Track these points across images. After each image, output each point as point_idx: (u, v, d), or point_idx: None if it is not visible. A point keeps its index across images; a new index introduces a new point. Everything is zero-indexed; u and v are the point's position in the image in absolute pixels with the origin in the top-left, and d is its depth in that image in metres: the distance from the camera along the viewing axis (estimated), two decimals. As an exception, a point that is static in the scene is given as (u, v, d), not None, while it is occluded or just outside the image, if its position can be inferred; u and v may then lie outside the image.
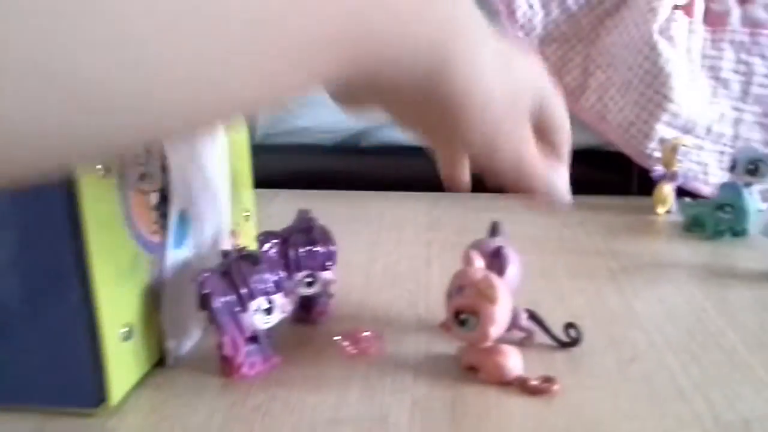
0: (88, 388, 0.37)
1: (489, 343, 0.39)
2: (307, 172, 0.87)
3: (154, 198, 0.40)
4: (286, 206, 0.49)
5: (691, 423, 0.36)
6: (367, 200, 0.79)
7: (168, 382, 0.41)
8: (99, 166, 0.35)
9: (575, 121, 0.80)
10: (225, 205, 0.49)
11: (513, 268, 0.44)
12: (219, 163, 0.48)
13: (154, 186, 0.40)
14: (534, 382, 0.39)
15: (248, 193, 0.56)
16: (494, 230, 0.46)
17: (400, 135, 0.86)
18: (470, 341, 0.40)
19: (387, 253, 0.62)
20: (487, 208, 0.75)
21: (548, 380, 0.39)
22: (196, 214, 0.44)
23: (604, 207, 0.75)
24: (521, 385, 0.39)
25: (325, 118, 0.85)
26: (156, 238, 0.41)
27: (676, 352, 0.44)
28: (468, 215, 0.72)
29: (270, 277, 0.39)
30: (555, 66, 0.78)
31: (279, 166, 0.87)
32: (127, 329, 0.38)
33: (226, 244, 0.50)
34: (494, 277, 0.39)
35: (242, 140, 0.55)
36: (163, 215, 0.41)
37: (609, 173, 0.80)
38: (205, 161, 0.45)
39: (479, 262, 0.40)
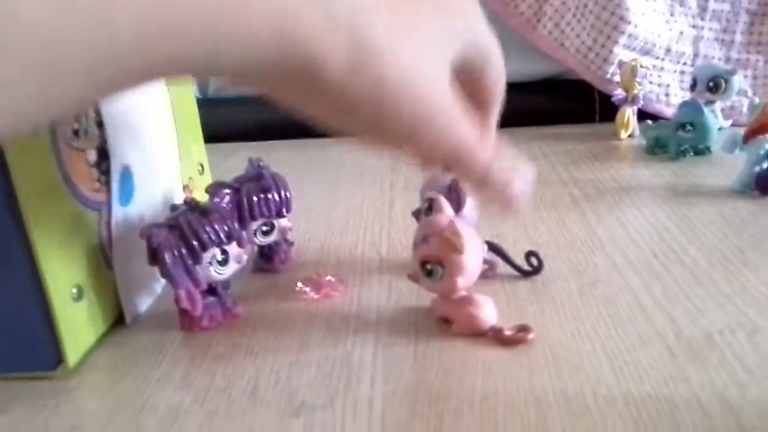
0: (44, 352, 0.36)
1: (459, 294, 0.38)
2: (264, 123, 0.84)
3: (92, 155, 0.39)
4: (246, 159, 0.48)
5: (653, 340, 0.36)
6: (328, 147, 0.77)
7: (128, 340, 0.41)
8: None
9: (534, 50, 0.79)
10: (173, 160, 0.48)
11: (470, 201, 0.43)
12: (161, 118, 0.46)
13: (92, 143, 0.38)
14: (508, 332, 0.37)
15: (200, 147, 0.55)
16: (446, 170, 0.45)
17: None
18: (439, 292, 0.38)
19: (349, 196, 0.61)
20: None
21: (523, 329, 0.37)
22: (141, 169, 0.43)
23: (568, 136, 0.74)
24: (495, 336, 0.37)
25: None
26: (99, 196, 0.39)
27: (638, 272, 0.44)
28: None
29: (221, 228, 0.38)
30: (510, -6, 0.76)
31: (236, 118, 0.85)
32: (76, 290, 0.37)
33: (179, 199, 0.49)
34: (461, 225, 0.37)
35: (187, 94, 0.53)
36: (105, 172, 0.40)
37: (571, 101, 0.79)
38: (145, 117, 0.44)
39: (449, 209, 0.38)
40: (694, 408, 0.31)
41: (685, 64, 0.78)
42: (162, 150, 0.46)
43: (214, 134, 0.79)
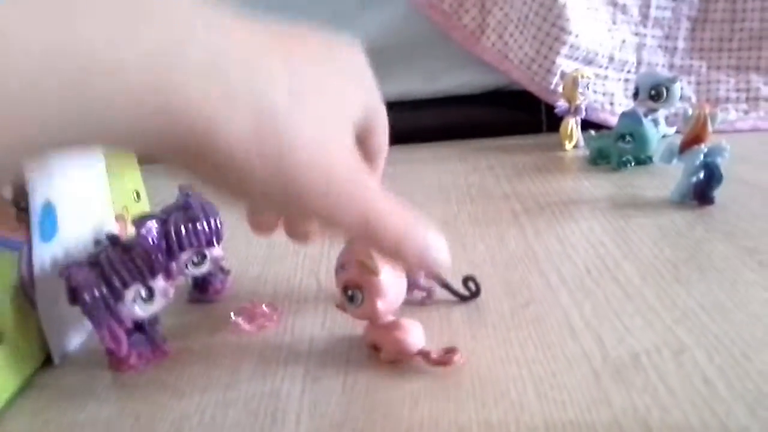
0: (-37, 401, 0.35)
1: (384, 318, 0.37)
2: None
3: (7, 193, 0.38)
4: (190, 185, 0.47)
5: (579, 362, 0.36)
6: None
7: (56, 381, 0.40)
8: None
9: (479, 62, 0.79)
10: (102, 190, 0.47)
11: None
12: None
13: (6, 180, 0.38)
14: (435, 356, 0.37)
15: (134, 173, 0.54)
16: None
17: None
18: (362, 317, 0.38)
19: (292, 218, 0.61)
20: (398, 160, 0.74)
21: (450, 351, 0.37)
22: (65, 203, 0.42)
23: (514, 147, 0.75)
24: (424, 359, 0.37)
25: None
26: (18, 236, 0.38)
27: (570, 290, 0.44)
28: (377, 170, 0.71)
29: (144, 263, 0.38)
30: (452, 7, 0.76)
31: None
32: (-5, 335, 0.36)
33: (112, 230, 0.48)
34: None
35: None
36: (24, 210, 0.39)
37: (518, 112, 0.80)
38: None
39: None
40: (614, 434, 0.31)
41: (629, 72, 0.79)
42: (89, 180, 0.45)
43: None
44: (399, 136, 0.88)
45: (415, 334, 0.38)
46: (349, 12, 0.80)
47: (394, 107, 0.91)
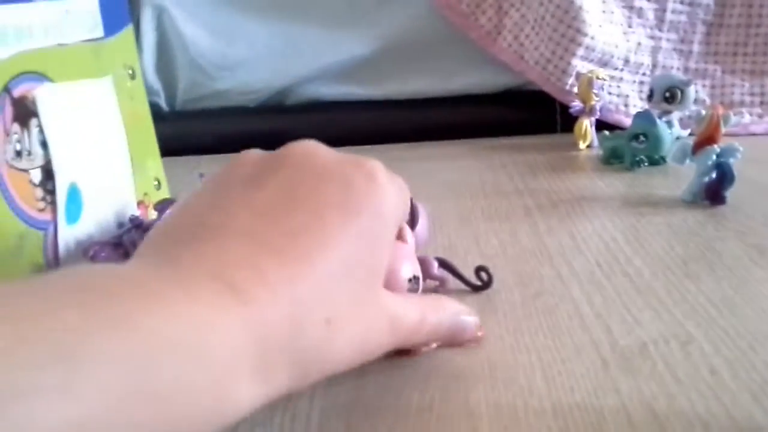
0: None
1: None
2: (232, 135, 0.85)
3: (36, 175, 0.39)
4: (210, 172, 0.48)
5: (588, 350, 0.37)
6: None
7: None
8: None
9: (495, 62, 0.80)
10: (126, 176, 0.48)
11: (423, 219, 0.44)
12: (112, 134, 0.46)
13: (35, 163, 0.39)
14: None
15: (156, 162, 0.55)
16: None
17: (323, 90, 0.85)
18: None
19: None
20: (412, 157, 0.75)
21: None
22: (89, 186, 0.43)
23: (528, 147, 0.75)
24: None
25: (244, 79, 0.84)
26: (45, 216, 0.40)
27: (581, 283, 0.45)
28: (391, 166, 0.72)
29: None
30: (469, 7, 0.77)
31: (204, 131, 0.86)
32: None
33: (134, 214, 0.49)
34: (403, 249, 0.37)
35: (141, 109, 0.53)
36: (51, 191, 0.40)
37: (533, 112, 0.80)
38: (93, 133, 0.44)
39: (408, 233, 0.39)
40: (620, 418, 0.32)
41: (644, 74, 0.79)
42: (113, 166, 0.47)
43: (180, 146, 0.80)
44: (414, 134, 0.90)
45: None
46: (367, 8, 0.81)
47: (410, 105, 0.93)
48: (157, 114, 0.54)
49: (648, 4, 0.78)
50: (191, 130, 0.85)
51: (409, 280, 0.37)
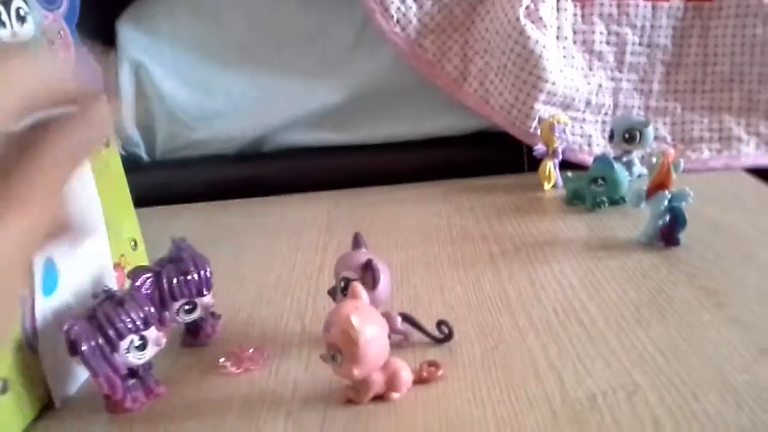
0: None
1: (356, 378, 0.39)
2: (212, 182, 0.87)
3: (13, 252, 0.41)
4: (192, 221, 0.50)
5: (540, 403, 0.39)
6: (270, 206, 0.80)
7: (56, 425, 0.43)
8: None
9: (462, 107, 0.82)
10: (102, 242, 0.50)
11: (384, 278, 0.46)
12: (86, 202, 0.48)
13: (12, 240, 0.41)
14: (424, 374, 0.42)
15: (131, 222, 0.57)
16: (357, 242, 0.48)
17: (298, 137, 0.88)
18: (341, 376, 0.40)
19: (282, 262, 0.64)
20: (384, 200, 0.77)
21: (432, 364, 0.43)
22: (64, 258, 0.45)
23: (496, 187, 0.78)
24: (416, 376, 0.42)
25: (221, 129, 0.86)
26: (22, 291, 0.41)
27: (538, 332, 0.47)
28: (365, 212, 0.74)
29: (137, 315, 0.41)
30: (435, 56, 0.80)
31: (184, 179, 0.88)
32: (1, 383, 0.39)
33: (111, 280, 0.51)
34: (367, 312, 0.39)
35: (115, 171, 0.55)
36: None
37: (501, 153, 0.83)
38: (67, 204, 0.46)
39: (363, 294, 0.41)
40: (567, 472, 0.34)
41: (605, 114, 0.82)
42: (87, 234, 0.49)
43: (161, 195, 0.82)
44: (387, 176, 0.92)
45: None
46: (338, 58, 0.84)
47: (382, 149, 0.95)
48: (137, 164, 0.56)
49: (608, 47, 0.81)
50: (171, 179, 0.87)
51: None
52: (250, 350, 0.48)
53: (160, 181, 0.86)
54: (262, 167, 0.88)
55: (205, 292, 0.47)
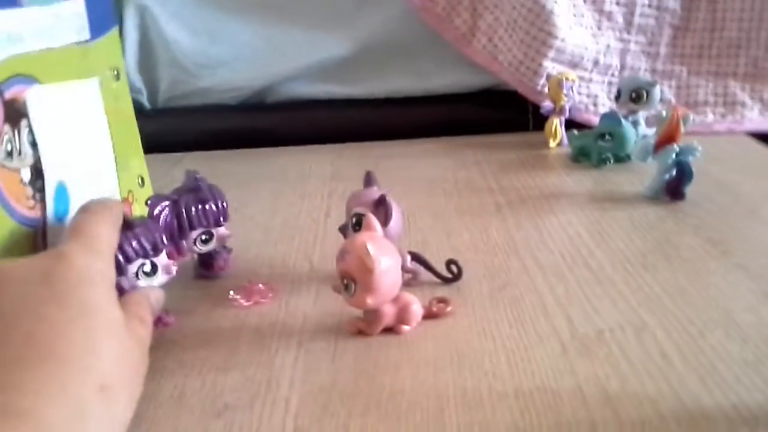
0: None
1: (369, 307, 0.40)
2: (214, 132, 0.87)
3: (26, 174, 0.41)
4: (193, 168, 0.50)
5: (549, 338, 0.40)
6: (273, 156, 0.80)
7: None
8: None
9: (469, 63, 0.82)
10: (110, 174, 0.50)
11: (396, 215, 0.46)
12: (97, 134, 0.48)
13: (25, 162, 0.41)
14: (434, 309, 0.43)
15: (139, 160, 0.57)
16: (368, 180, 0.48)
17: (303, 89, 0.87)
18: (354, 306, 0.40)
19: (288, 206, 0.64)
20: (389, 154, 0.77)
21: (442, 300, 0.44)
22: (76, 185, 0.45)
23: (501, 145, 0.78)
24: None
25: (225, 77, 0.85)
26: (35, 213, 0.41)
27: (545, 274, 0.47)
28: (369, 163, 0.74)
29: (147, 240, 0.41)
30: (444, 10, 0.79)
31: (186, 128, 0.87)
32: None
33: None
34: (383, 243, 0.39)
35: (126, 109, 0.55)
36: (40, 189, 0.42)
37: (506, 111, 0.83)
38: (79, 133, 0.46)
39: (377, 226, 0.41)
40: (576, 399, 0.34)
41: (612, 75, 0.82)
42: (98, 165, 0.49)
43: (162, 143, 0.82)
44: (391, 132, 0.92)
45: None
46: (346, 10, 0.83)
47: (387, 104, 0.95)
48: (139, 111, 0.56)
49: (617, 7, 0.81)
50: (173, 127, 0.86)
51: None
52: (260, 285, 0.48)
53: (162, 128, 0.85)
54: (266, 118, 0.87)
55: (222, 222, 0.47)
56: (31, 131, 0.41)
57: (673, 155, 0.57)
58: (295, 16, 0.84)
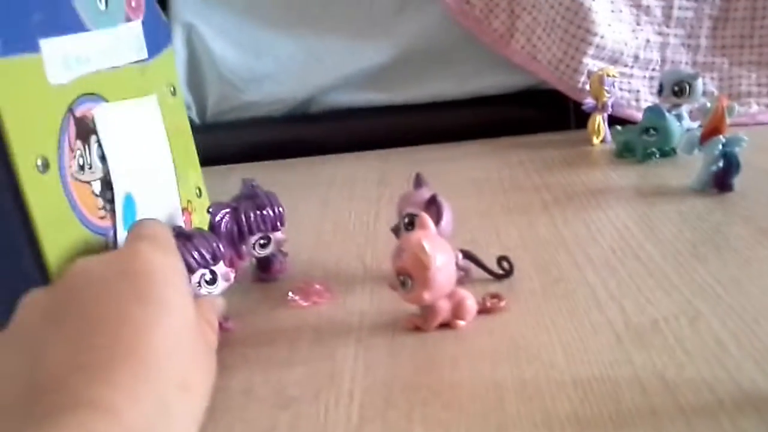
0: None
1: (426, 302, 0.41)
2: (261, 144, 0.89)
3: (97, 186, 0.43)
4: (240, 180, 0.52)
5: (603, 329, 0.40)
6: (319, 164, 0.82)
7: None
8: (38, 162, 0.38)
9: (509, 63, 0.83)
10: (172, 186, 0.52)
11: (447, 214, 0.47)
12: (159, 148, 0.51)
13: (96, 176, 0.43)
14: (488, 304, 0.44)
15: (196, 172, 0.59)
16: (419, 182, 0.49)
17: (345, 98, 0.89)
18: (410, 302, 0.41)
19: (337, 211, 0.66)
20: (433, 158, 0.79)
21: (495, 296, 0.45)
22: (142, 196, 0.47)
23: (544, 144, 0.79)
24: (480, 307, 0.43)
25: (270, 90, 0.88)
26: (105, 222, 0.44)
27: (596, 268, 0.48)
28: (414, 167, 0.75)
29: (206, 250, 0.43)
30: (482, 12, 0.81)
31: (234, 141, 0.90)
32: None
33: (179, 221, 0.53)
34: (437, 241, 0.41)
35: (182, 124, 0.57)
36: (110, 200, 0.44)
37: (547, 110, 0.84)
38: (143, 147, 0.48)
39: (431, 225, 0.42)
40: (635, 387, 0.35)
41: (653, 70, 0.82)
42: (160, 176, 0.51)
43: (212, 157, 0.84)
44: (434, 136, 0.93)
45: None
46: (384, 18, 0.85)
47: (428, 108, 0.97)
48: (188, 126, 0.58)
49: (655, 1, 0.81)
50: (222, 140, 0.89)
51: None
52: (316, 285, 0.49)
53: (211, 142, 0.88)
54: (310, 128, 0.90)
55: (279, 227, 0.49)
56: (100, 146, 0.43)
57: (720, 146, 0.58)
58: (334, 28, 0.87)
